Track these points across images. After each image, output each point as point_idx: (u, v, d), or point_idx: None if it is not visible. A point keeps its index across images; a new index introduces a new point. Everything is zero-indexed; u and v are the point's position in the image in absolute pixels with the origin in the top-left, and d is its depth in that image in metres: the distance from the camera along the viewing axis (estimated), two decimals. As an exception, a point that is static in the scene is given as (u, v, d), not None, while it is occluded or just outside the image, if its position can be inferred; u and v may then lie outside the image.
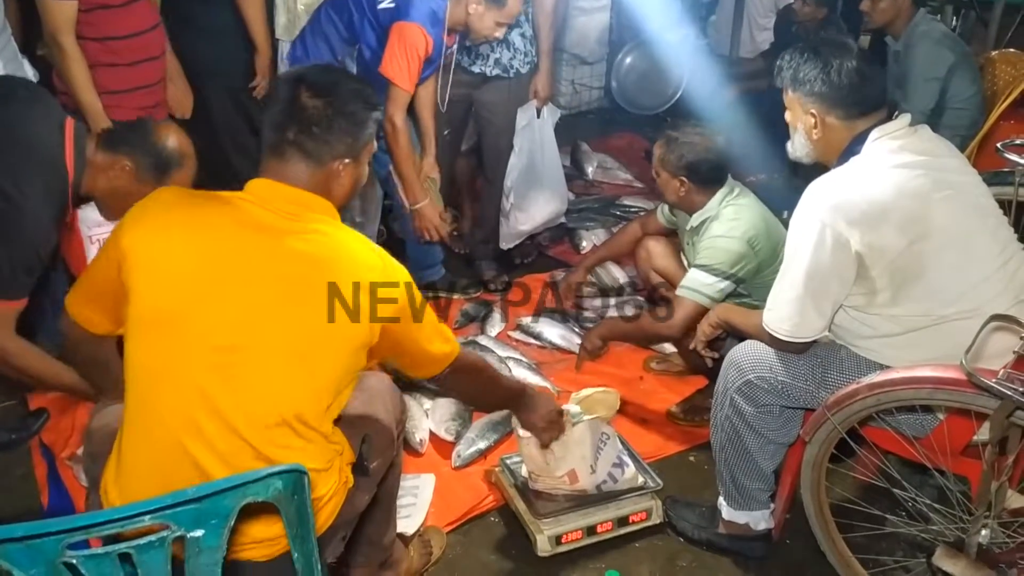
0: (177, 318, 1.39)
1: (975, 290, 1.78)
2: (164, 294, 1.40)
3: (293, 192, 1.48)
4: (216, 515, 1.17)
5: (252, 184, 1.49)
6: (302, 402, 1.44)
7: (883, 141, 1.86)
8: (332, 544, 1.61)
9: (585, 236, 4.03)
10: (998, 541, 1.72)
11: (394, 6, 2.85)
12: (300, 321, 1.42)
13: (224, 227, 1.45)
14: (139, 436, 1.43)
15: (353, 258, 1.48)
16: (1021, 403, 1.49)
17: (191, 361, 1.39)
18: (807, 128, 1.95)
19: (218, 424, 1.38)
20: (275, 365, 1.42)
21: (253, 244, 1.43)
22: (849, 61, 1.88)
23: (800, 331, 1.88)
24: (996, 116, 3.44)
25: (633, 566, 2.18)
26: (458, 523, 2.32)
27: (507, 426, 2.66)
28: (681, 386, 2.93)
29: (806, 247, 1.82)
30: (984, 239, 1.84)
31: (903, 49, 3.68)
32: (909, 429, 1.86)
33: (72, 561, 1.10)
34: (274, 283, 1.42)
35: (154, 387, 1.41)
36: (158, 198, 1.50)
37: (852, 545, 2.05)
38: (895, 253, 1.77)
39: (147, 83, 2.80)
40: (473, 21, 2.89)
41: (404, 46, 2.78)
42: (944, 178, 1.84)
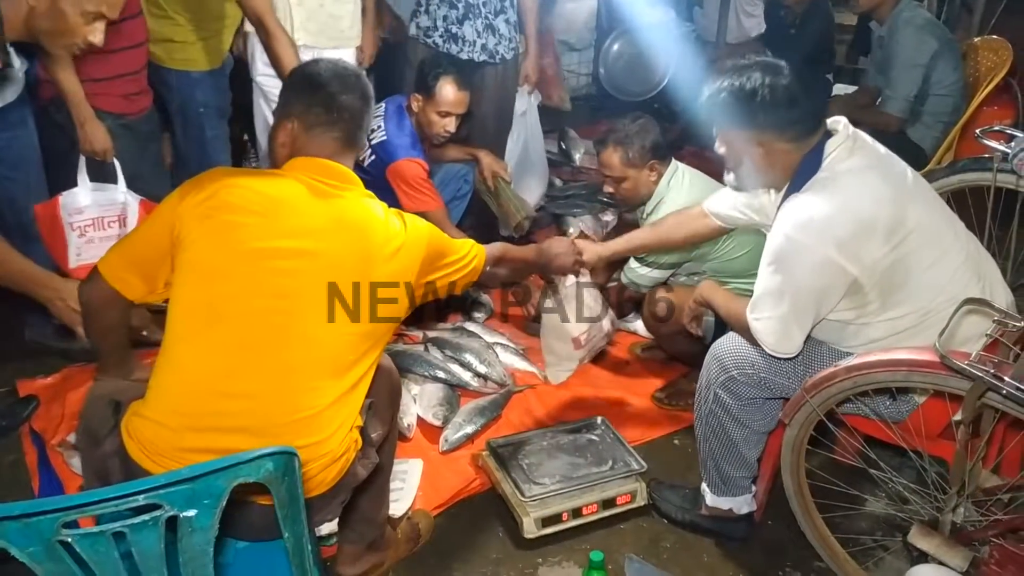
0: (230, 273, 1.52)
1: (951, 281, 1.82)
2: (219, 251, 1.52)
3: (332, 167, 1.66)
4: (208, 495, 1.19)
5: (296, 161, 1.66)
6: (348, 350, 1.58)
7: (838, 153, 1.84)
8: (332, 506, 1.65)
9: (572, 222, 4.05)
10: (971, 520, 1.76)
11: (375, 157, 3.02)
12: (353, 273, 1.57)
13: (281, 188, 1.59)
14: (189, 361, 1.52)
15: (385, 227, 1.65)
16: (992, 384, 1.53)
17: (240, 314, 1.51)
18: (756, 159, 1.88)
19: (267, 367, 1.51)
20: (323, 316, 1.54)
21: (292, 202, 1.57)
22: (782, 80, 1.81)
23: (782, 346, 1.89)
24: (977, 103, 3.48)
25: (618, 547, 2.22)
26: (445, 506, 2.35)
27: (494, 411, 2.70)
28: (666, 371, 2.97)
29: (793, 268, 1.82)
30: (947, 230, 1.87)
31: (887, 35, 3.71)
32: (887, 412, 1.90)
33: (67, 540, 1.12)
34: (324, 238, 1.56)
35: (208, 321, 1.51)
36: (212, 171, 1.63)
37: (831, 525, 2.09)
38: (883, 264, 1.78)
39: (130, 71, 2.79)
40: (420, 120, 3.05)
41: (409, 182, 2.98)
42: (901, 179, 1.88)
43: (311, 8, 3.16)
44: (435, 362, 2.87)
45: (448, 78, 2.95)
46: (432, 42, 3.41)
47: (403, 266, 1.66)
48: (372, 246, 1.62)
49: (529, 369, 2.96)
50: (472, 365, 2.87)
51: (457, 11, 3.40)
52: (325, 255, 1.56)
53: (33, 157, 2.66)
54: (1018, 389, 1.49)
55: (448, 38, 3.41)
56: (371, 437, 1.71)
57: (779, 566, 2.18)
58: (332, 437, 1.54)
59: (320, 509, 1.60)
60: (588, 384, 2.93)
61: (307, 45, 3.20)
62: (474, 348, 2.94)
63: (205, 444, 1.45)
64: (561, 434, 2.48)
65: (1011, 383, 1.50)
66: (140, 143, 2.91)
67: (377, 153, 3.01)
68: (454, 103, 2.98)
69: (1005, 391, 1.51)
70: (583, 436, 2.47)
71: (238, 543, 1.58)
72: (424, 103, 3.00)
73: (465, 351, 2.91)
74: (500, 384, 2.84)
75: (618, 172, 2.71)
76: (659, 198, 2.70)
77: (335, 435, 1.55)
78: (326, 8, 3.19)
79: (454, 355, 2.91)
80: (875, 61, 3.93)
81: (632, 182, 2.71)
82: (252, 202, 1.55)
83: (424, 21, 3.42)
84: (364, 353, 1.62)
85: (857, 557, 2.09)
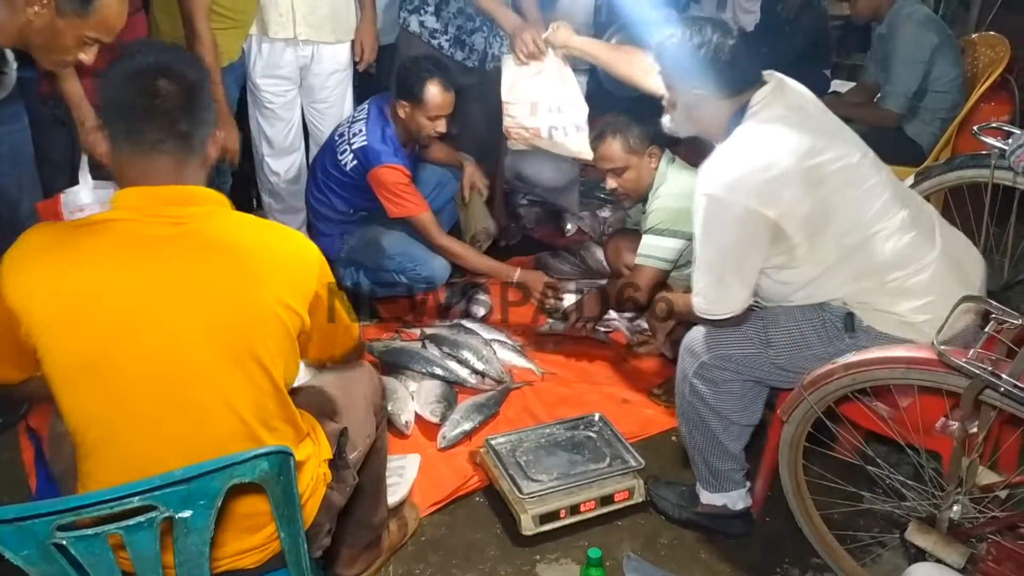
0: (106, 360, 1.30)
1: (876, 214, 1.87)
2: (80, 342, 1.29)
3: (170, 192, 1.36)
4: (204, 496, 1.19)
5: (121, 196, 1.36)
6: (258, 404, 1.39)
7: (759, 107, 1.89)
8: (319, 539, 1.61)
9: (570, 219, 4.05)
10: (969, 516, 1.76)
11: (357, 162, 3.03)
12: (221, 323, 1.34)
13: (111, 255, 1.32)
14: (103, 477, 1.36)
15: (251, 248, 1.40)
16: (990, 382, 1.53)
17: (137, 397, 1.32)
18: (691, 107, 1.96)
19: (181, 453, 1.32)
20: (219, 377, 1.35)
21: (146, 266, 1.32)
22: (729, 40, 1.89)
23: (725, 307, 1.93)
24: (975, 99, 3.48)
25: (616, 544, 2.22)
26: (443, 503, 2.35)
27: (492, 408, 2.70)
28: (663, 367, 2.97)
29: (717, 227, 1.87)
30: (867, 169, 1.92)
31: (887, 31, 3.70)
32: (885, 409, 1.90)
33: (62, 542, 1.12)
34: (180, 296, 1.33)
35: (110, 430, 1.34)
36: (29, 242, 1.35)
37: (829, 521, 2.09)
38: (803, 207, 1.82)
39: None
40: (409, 126, 3.02)
41: (391, 188, 2.99)
42: (817, 124, 1.92)
43: (312, 2, 3.14)
44: (433, 359, 2.87)
45: (434, 81, 2.92)
46: (438, 44, 3.39)
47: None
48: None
49: (527, 366, 2.96)
50: (470, 362, 2.87)
51: (473, 23, 3.39)
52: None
53: (26, 153, 2.64)
54: (1016, 386, 1.49)
55: (456, 44, 3.41)
56: (348, 460, 1.67)
57: (777, 563, 2.18)
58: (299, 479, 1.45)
59: (308, 543, 1.50)
60: (586, 381, 2.93)
61: (309, 40, 3.19)
62: (472, 345, 2.93)
63: None
64: (559, 431, 2.48)
65: (1008, 380, 1.49)
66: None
67: (358, 158, 3.02)
68: (443, 105, 2.96)
69: (1003, 388, 1.51)
70: (581, 433, 2.47)
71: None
72: (412, 109, 2.96)
73: (463, 348, 2.91)
74: (498, 381, 2.84)
75: (620, 162, 2.70)
76: (661, 181, 2.71)
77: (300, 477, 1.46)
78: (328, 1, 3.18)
79: (452, 352, 2.91)
80: (875, 57, 3.92)
81: (635, 171, 2.71)
82: (94, 313, 1.30)
83: (431, 22, 3.38)
84: (284, 395, 1.46)
85: (855, 553, 2.09)
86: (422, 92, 2.92)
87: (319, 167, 3.20)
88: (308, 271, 1.44)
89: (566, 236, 4.03)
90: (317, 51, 3.26)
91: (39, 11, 1.58)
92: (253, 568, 1.46)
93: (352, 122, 3.09)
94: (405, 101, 2.98)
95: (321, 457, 1.58)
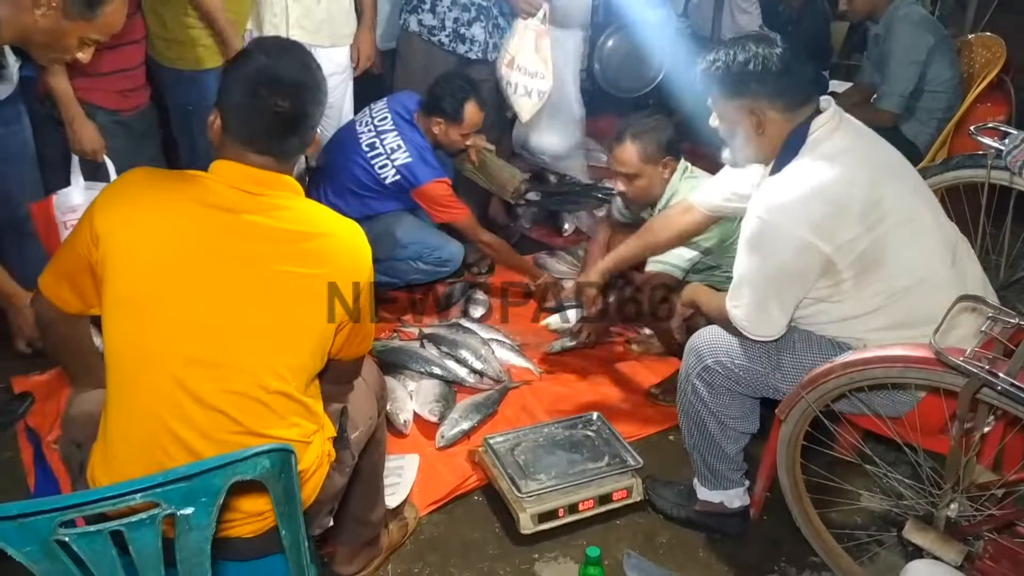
0: (154, 300, 1.40)
1: (925, 261, 1.84)
2: (140, 277, 1.41)
3: (257, 174, 1.48)
4: (206, 493, 1.20)
5: (217, 166, 1.49)
6: (282, 375, 1.45)
7: (821, 133, 1.86)
8: (319, 518, 1.64)
9: (567, 219, 4.05)
10: (966, 515, 1.77)
11: (400, 177, 3.10)
12: (273, 298, 1.45)
13: (194, 207, 1.45)
14: (124, 419, 1.44)
15: (320, 232, 1.52)
16: (987, 381, 1.53)
17: (170, 342, 1.40)
18: (749, 129, 1.90)
19: (199, 402, 1.40)
20: (251, 342, 1.44)
21: (222, 223, 1.44)
22: (775, 49, 1.86)
23: (763, 330, 1.91)
24: (971, 99, 3.49)
25: (614, 543, 2.23)
26: (442, 503, 2.35)
27: (490, 407, 2.70)
28: (660, 366, 2.97)
29: (769, 251, 1.84)
30: (925, 213, 1.89)
31: (883, 31, 3.71)
32: (883, 408, 1.90)
33: (64, 539, 1.12)
34: (243, 261, 1.44)
35: (135, 369, 1.42)
36: (128, 179, 1.50)
37: (826, 520, 2.10)
38: (859, 245, 1.79)
39: (126, 67, 2.79)
40: (441, 140, 3.14)
41: (439, 201, 3.13)
42: (880, 159, 1.89)
43: (307, 5, 3.13)
44: (431, 358, 2.87)
45: (471, 102, 3.07)
46: (438, 41, 3.40)
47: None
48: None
49: (525, 365, 2.97)
50: (468, 361, 2.87)
51: (469, 13, 3.41)
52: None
53: (27, 153, 2.65)
54: (1013, 385, 1.50)
55: (456, 38, 3.43)
56: (349, 440, 1.70)
57: (774, 561, 2.19)
58: (303, 457, 1.51)
59: (308, 523, 1.56)
60: (584, 380, 2.93)
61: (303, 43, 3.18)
62: (470, 344, 2.94)
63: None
64: (557, 430, 2.48)
65: (1006, 379, 1.50)
66: (135, 140, 2.90)
67: (402, 174, 3.08)
68: (478, 123, 3.13)
69: (1000, 387, 1.51)
70: (579, 432, 2.48)
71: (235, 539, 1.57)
72: (448, 127, 3.10)
73: (461, 347, 2.92)
74: (496, 380, 2.84)
75: (634, 168, 2.67)
76: (672, 193, 2.69)
77: (306, 454, 1.52)
78: (323, 5, 3.17)
79: (450, 351, 2.91)
80: (871, 58, 3.93)
81: (647, 179, 2.68)
82: (159, 255, 1.42)
83: (428, 20, 3.40)
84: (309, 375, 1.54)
85: (852, 552, 2.09)
86: (460, 112, 3.06)
87: (345, 174, 3.16)
88: (362, 268, 1.56)
89: (563, 236, 4.04)
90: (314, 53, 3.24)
91: (46, 12, 1.59)
92: (251, 536, 1.47)
93: (380, 133, 3.11)
94: (440, 119, 3.08)
95: (326, 435, 1.61)
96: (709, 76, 1.92)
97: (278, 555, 1.45)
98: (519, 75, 3.47)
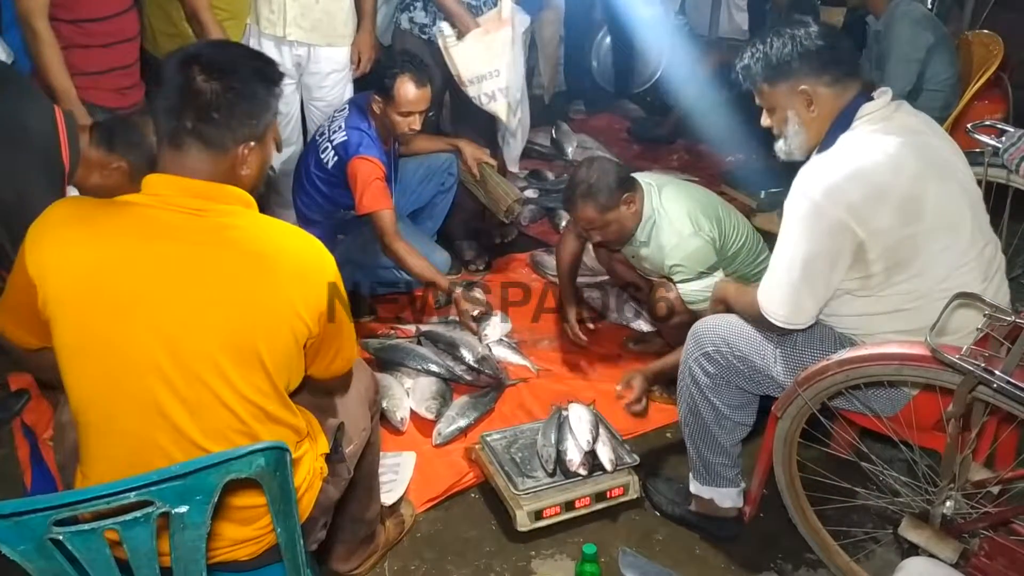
0: (107, 346, 1.31)
1: (956, 272, 1.80)
2: (85, 323, 1.31)
3: (196, 185, 1.35)
4: (200, 491, 1.19)
5: (149, 181, 1.37)
6: (254, 402, 1.38)
7: (870, 119, 1.83)
8: (314, 532, 1.62)
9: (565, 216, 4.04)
10: (962, 512, 1.77)
11: (337, 158, 3.00)
12: (229, 321, 1.34)
13: (129, 237, 1.33)
14: (101, 462, 1.38)
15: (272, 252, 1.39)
16: (983, 378, 1.53)
17: (137, 386, 1.32)
18: (800, 110, 1.89)
19: (183, 446, 1.34)
20: (220, 372, 1.34)
21: (162, 252, 1.32)
22: (811, 28, 1.88)
23: (795, 317, 1.87)
24: (969, 97, 3.49)
25: (611, 540, 2.23)
26: (439, 500, 2.35)
27: (487, 405, 2.70)
28: (658, 364, 2.97)
29: (803, 232, 1.80)
30: (968, 224, 1.83)
31: (883, 29, 3.70)
32: (879, 405, 1.90)
33: (59, 538, 1.12)
34: (194, 291, 1.33)
35: (106, 415, 1.35)
36: (54, 216, 1.37)
37: (822, 517, 2.10)
38: (892, 236, 1.76)
39: (122, 64, 2.78)
40: (383, 121, 2.99)
41: (363, 179, 2.93)
42: (934, 157, 1.83)
43: (305, 4, 3.12)
44: (428, 356, 2.87)
45: (405, 77, 2.87)
46: (428, 38, 3.40)
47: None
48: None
49: (522, 363, 2.97)
50: (465, 359, 2.86)
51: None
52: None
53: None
54: (1009, 383, 1.50)
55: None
56: (344, 454, 1.68)
57: (771, 558, 2.19)
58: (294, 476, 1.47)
59: (304, 536, 1.51)
60: (581, 377, 2.93)
61: (299, 42, 3.18)
62: (467, 342, 2.93)
63: None
64: (554, 428, 2.48)
65: (1002, 377, 1.50)
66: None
67: (338, 153, 3.00)
68: (415, 101, 2.91)
69: (996, 385, 1.52)
70: (576, 430, 2.47)
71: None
72: (384, 105, 2.93)
73: (458, 345, 2.91)
74: (493, 378, 2.84)
75: (599, 222, 2.63)
76: (650, 221, 2.65)
77: (295, 473, 1.46)
78: (320, 4, 3.15)
79: (447, 349, 2.91)
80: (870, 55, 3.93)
81: (616, 223, 2.64)
82: (102, 293, 1.31)
83: (420, 17, 3.40)
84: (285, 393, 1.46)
85: (848, 549, 2.10)
86: (392, 87, 2.88)
87: (303, 169, 3.18)
88: (321, 284, 1.42)
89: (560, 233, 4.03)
90: (313, 51, 3.24)
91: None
92: (248, 559, 1.46)
93: (332, 120, 3.08)
94: (379, 97, 2.94)
95: (318, 452, 1.58)
96: (752, 70, 1.92)
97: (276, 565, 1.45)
98: (475, 88, 3.35)
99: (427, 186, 3.41)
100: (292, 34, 3.13)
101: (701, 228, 2.57)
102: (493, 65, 3.34)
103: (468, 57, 3.32)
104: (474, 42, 3.30)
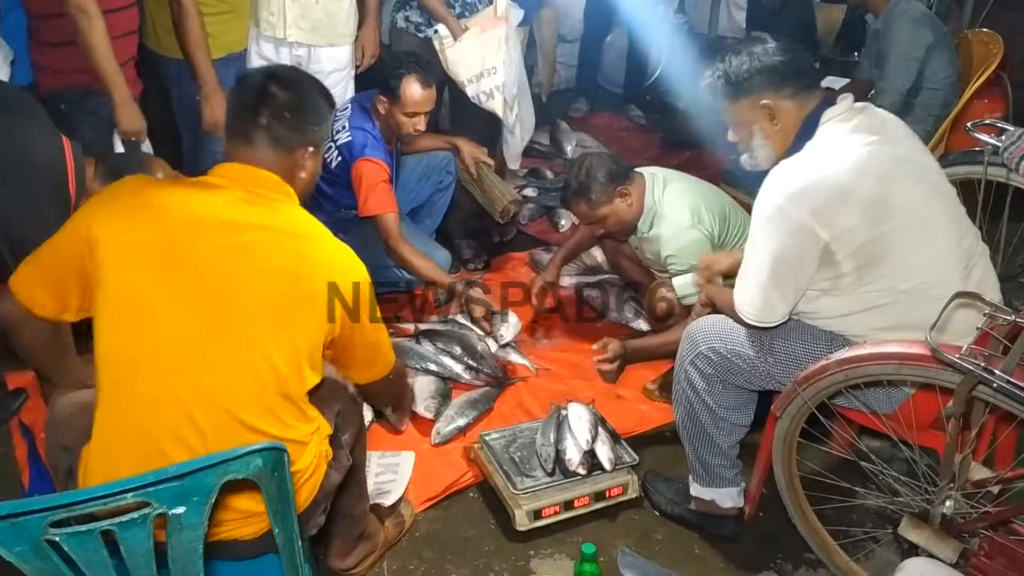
0: (151, 305, 1.41)
1: (933, 267, 1.81)
2: (138, 282, 1.41)
3: (262, 175, 1.54)
4: (198, 492, 1.19)
5: (220, 167, 1.55)
6: (282, 377, 1.46)
7: (833, 123, 1.86)
8: (315, 516, 1.65)
9: (564, 215, 4.04)
10: (961, 511, 1.77)
11: (341, 158, 3.01)
12: (271, 302, 1.46)
13: (192, 211, 1.48)
14: (119, 421, 1.43)
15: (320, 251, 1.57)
16: (983, 378, 1.53)
17: (168, 345, 1.41)
18: (764, 123, 1.93)
19: (202, 403, 1.41)
20: (250, 345, 1.44)
21: (222, 228, 1.47)
22: (767, 44, 1.91)
23: (764, 315, 1.91)
24: (968, 96, 3.48)
25: (610, 539, 2.22)
26: (438, 499, 2.35)
27: (486, 404, 2.70)
28: (657, 363, 2.96)
29: (769, 235, 1.84)
30: (942, 218, 1.85)
31: (883, 27, 3.70)
32: (878, 403, 1.90)
33: (55, 539, 1.12)
34: (243, 264, 1.46)
35: (131, 371, 1.42)
36: (126, 186, 1.53)
37: (822, 517, 2.10)
38: (860, 236, 1.78)
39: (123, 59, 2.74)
40: (388, 122, 2.99)
41: (368, 181, 2.94)
42: (900, 156, 1.86)
43: (305, 4, 3.10)
44: (427, 355, 2.86)
45: (411, 77, 2.88)
46: (424, 36, 3.40)
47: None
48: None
49: (521, 362, 2.96)
50: (464, 358, 2.86)
51: (454, 9, 3.39)
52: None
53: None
54: (1008, 382, 1.49)
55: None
56: (343, 440, 1.71)
57: (770, 558, 2.19)
58: (301, 458, 1.52)
59: (305, 522, 1.59)
60: (580, 376, 2.92)
61: (300, 42, 3.17)
62: (466, 341, 2.93)
63: None
64: (553, 427, 2.48)
65: (1001, 376, 1.50)
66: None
67: (343, 154, 2.99)
68: (420, 102, 2.91)
69: (996, 384, 1.51)
70: (575, 429, 2.47)
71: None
72: (390, 105, 2.93)
73: (457, 344, 2.91)
74: (492, 377, 2.84)
75: (596, 218, 2.70)
76: (652, 212, 2.67)
77: (304, 455, 1.53)
78: (321, 5, 3.14)
79: (446, 348, 2.91)
80: (870, 54, 3.93)
81: (614, 216, 2.69)
82: (157, 258, 1.43)
83: (415, 16, 3.40)
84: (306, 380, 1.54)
85: (848, 549, 2.09)
86: (399, 87, 2.89)
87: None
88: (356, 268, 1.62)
89: (560, 232, 4.03)
90: (313, 51, 3.23)
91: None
92: (250, 539, 1.48)
93: (334, 119, 3.07)
94: (384, 97, 2.95)
95: (324, 434, 1.61)
96: (714, 88, 1.97)
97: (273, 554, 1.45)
98: (473, 87, 3.44)
99: (425, 184, 3.40)
100: (293, 35, 3.12)
101: (701, 221, 2.58)
102: (490, 63, 3.38)
103: (465, 58, 3.36)
104: (470, 42, 3.33)
